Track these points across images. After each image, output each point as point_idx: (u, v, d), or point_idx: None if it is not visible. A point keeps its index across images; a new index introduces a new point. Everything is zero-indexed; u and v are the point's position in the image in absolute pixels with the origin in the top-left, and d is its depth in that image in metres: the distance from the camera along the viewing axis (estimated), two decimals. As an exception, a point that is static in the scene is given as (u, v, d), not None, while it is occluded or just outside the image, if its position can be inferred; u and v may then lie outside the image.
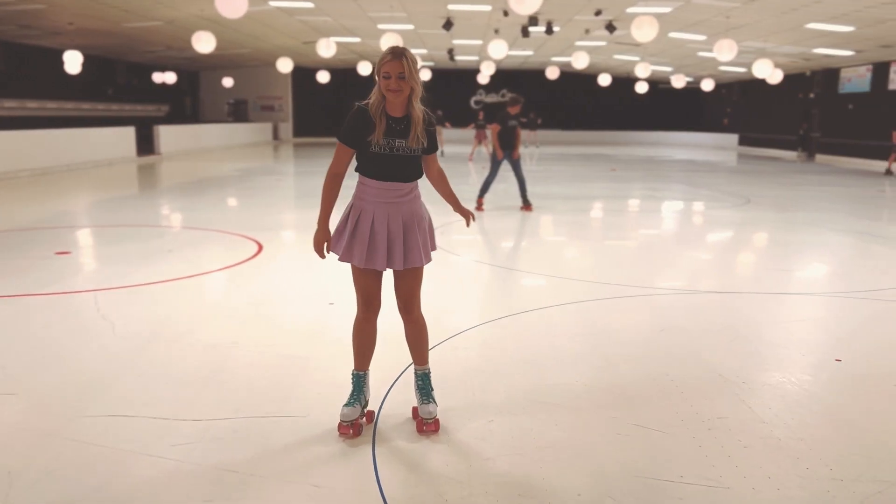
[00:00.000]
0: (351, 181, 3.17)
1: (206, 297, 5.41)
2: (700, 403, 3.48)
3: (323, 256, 3.12)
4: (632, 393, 3.63)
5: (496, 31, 20.93)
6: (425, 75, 28.06)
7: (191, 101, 33.46)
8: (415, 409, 3.25)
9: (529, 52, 27.21)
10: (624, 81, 32.05)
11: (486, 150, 23.54)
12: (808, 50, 21.16)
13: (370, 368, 3.23)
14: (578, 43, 23.74)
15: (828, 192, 14.30)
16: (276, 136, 32.76)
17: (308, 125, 34.26)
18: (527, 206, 10.48)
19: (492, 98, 36.88)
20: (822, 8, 14.87)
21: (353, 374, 3.18)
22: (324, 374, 3.81)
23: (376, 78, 2.94)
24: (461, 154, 24.26)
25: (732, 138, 32.99)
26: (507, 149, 10.28)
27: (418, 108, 2.97)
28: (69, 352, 4.14)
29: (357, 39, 23.76)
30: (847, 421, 3.33)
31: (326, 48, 19.20)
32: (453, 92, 34.74)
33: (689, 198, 12.87)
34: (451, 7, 17.45)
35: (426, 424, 3.10)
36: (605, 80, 28.26)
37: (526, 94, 38.46)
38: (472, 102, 36.22)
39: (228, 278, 5.94)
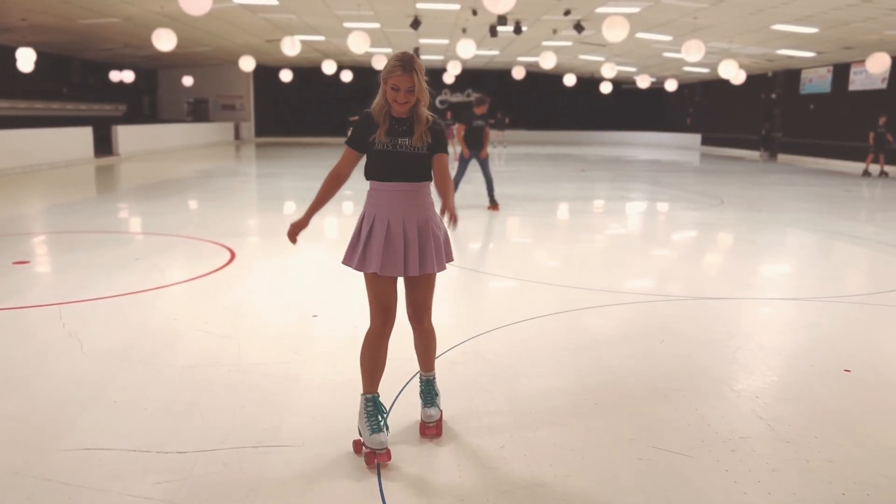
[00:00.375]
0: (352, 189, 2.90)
1: (181, 310, 5.09)
2: (717, 422, 3.31)
3: (294, 241, 3.11)
4: (645, 411, 3.44)
5: (464, 31, 20.74)
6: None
7: (149, 101, 32.63)
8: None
9: (495, 52, 27.11)
10: (588, 81, 32.15)
11: (453, 149, 23.82)
12: (772, 51, 21.40)
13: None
14: (545, 43, 23.69)
15: (797, 191, 14.41)
16: (237, 135, 32.12)
17: (270, 125, 33.68)
18: (493, 205, 10.47)
19: (457, 98, 36.70)
20: (789, 9, 14.98)
21: (367, 398, 2.99)
22: (315, 396, 3.55)
23: (381, 83, 2.91)
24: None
25: (695, 138, 33.31)
26: (474, 148, 10.35)
27: (424, 111, 2.98)
28: (33, 375, 3.80)
29: (321, 38, 23.38)
30: (872, 437, 3.18)
31: (291, 46, 18.81)
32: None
33: (662, 199, 12.82)
34: (419, 6, 17.21)
35: (428, 428, 3.10)
36: (570, 80, 28.30)
37: (492, 94, 38.27)
38: (436, 102, 35.98)
39: (202, 289, 5.62)
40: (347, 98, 33.32)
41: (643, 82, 27.76)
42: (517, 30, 18.89)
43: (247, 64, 22.70)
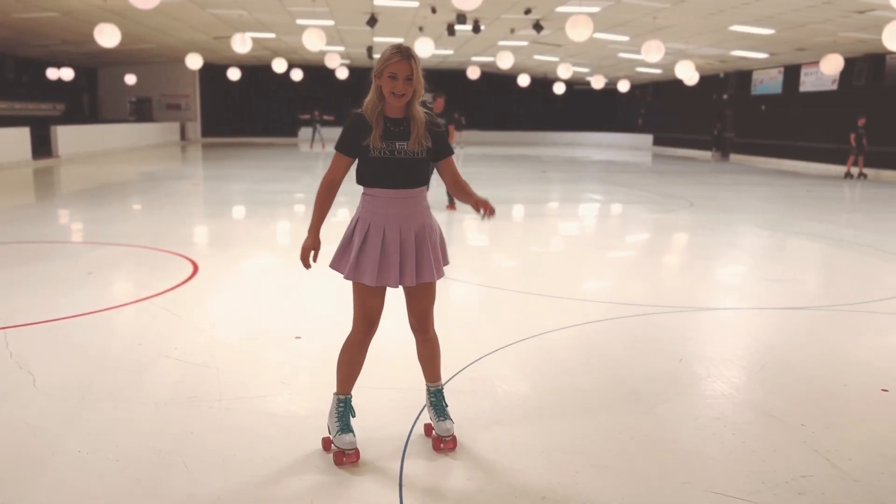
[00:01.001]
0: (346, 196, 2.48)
1: (145, 333, 4.55)
2: (772, 459, 2.97)
3: (308, 266, 2.93)
4: (690, 448, 3.08)
5: (420, 29, 20.32)
6: (342, 73, 27.18)
7: (89, 100, 31.28)
8: (428, 427, 3.11)
9: (450, 52, 26.75)
10: (542, 82, 32.07)
11: None
12: (727, 52, 21.55)
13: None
14: (501, 42, 23.43)
15: (761, 192, 14.41)
16: (183, 136, 31.03)
17: (218, 125, 32.66)
18: (451, 205, 10.35)
19: (409, 97, 36.24)
20: (750, 10, 14.99)
21: (340, 398, 2.96)
22: (316, 439, 3.09)
23: (373, 79, 2.79)
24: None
25: (647, 138, 33.57)
26: None
27: (419, 110, 2.82)
28: (-22, 418, 3.25)
29: (272, 35, 22.65)
30: (940, 472, 2.89)
31: (242, 43, 18.10)
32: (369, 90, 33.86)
33: (632, 201, 12.62)
34: (377, 2, 16.72)
35: (444, 442, 2.98)
36: (524, 80, 28.16)
37: (446, 94, 37.87)
38: (389, 102, 35.51)
39: (167, 308, 5.07)
40: (298, 97, 32.56)
41: (597, 83, 27.76)
42: (476, 29, 18.56)
43: (194, 62, 21.81)
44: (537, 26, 18.55)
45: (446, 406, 3.06)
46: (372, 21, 18.10)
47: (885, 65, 18.95)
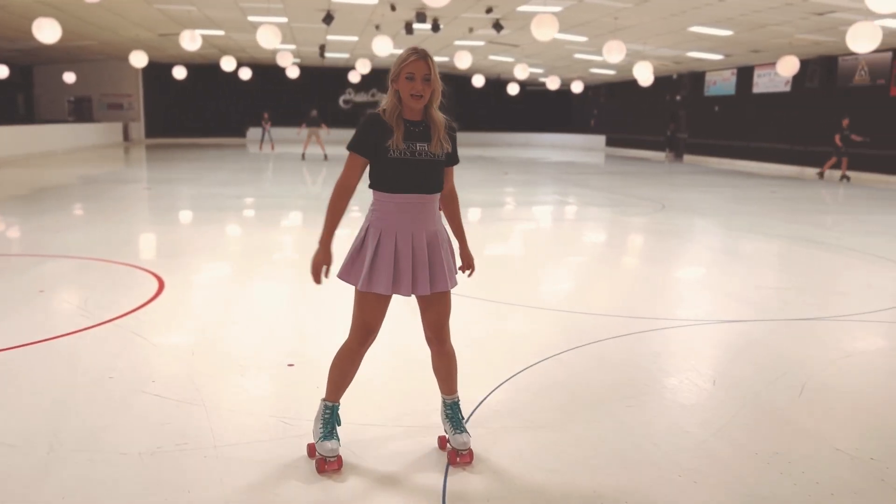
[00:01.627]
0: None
1: (115, 363, 4.00)
2: (842, 492, 2.65)
3: (319, 282, 2.79)
4: (753, 485, 2.74)
5: (377, 28, 19.83)
6: (293, 73, 26.45)
7: (24, 99, 29.79)
8: (442, 440, 3.02)
9: (400, 51, 26.26)
10: (496, 83, 31.88)
11: None
12: (682, 53, 21.65)
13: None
14: (458, 42, 23.09)
15: (727, 193, 14.37)
16: (126, 137, 29.81)
17: (162, 125, 31.48)
18: None
19: (361, 97, 35.65)
20: (711, 11, 14.97)
21: (328, 405, 2.90)
22: (337, 493, 2.64)
23: (390, 84, 2.74)
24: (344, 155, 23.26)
25: (600, 139, 33.70)
26: None
27: (438, 112, 2.78)
28: (-76, 480, 2.70)
29: (221, 32, 21.83)
30: None
31: (192, 41, 17.30)
32: (321, 90, 33.23)
33: (604, 204, 12.40)
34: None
35: (461, 455, 2.90)
36: (478, 81, 27.90)
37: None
38: (340, 102, 34.84)
39: (135, 332, 4.53)
40: (246, 97, 31.64)
41: (552, 84, 27.66)
42: (435, 27, 18.17)
43: (138, 59, 20.85)
44: (497, 26, 18.26)
45: (463, 419, 2.99)
46: (328, 18, 17.55)
47: (838, 67, 19.26)
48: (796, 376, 3.97)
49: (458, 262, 2.99)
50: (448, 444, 2.95)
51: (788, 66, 17.73)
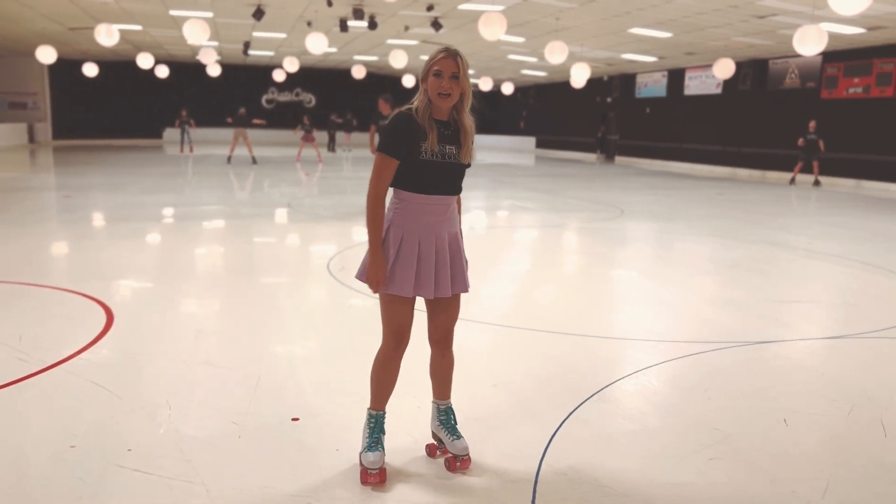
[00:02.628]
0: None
1: (76, 426, 3.20)
2: None
3: (377, 290, 2.72)
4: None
5: (309, 24, 18.96)
6: (215, 70, 25.16)
7: (-88, 97, 27.33)
8: (432, 447, 2.99)
9: (332, 49, 25.36)
10: (425, 83, 31.34)
11: (315, 151, 23.29)
12: (617, 55, 21.65)
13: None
14: (390, 41, 22.44)
15: (676, 196, 14.25)
16: (31, 138, 27.73)
17: (72, 125, 29.46)
18: None
19: (285, 97, 34.47)
20: (654, 12, 14.86)
21: (372, 414, 2.85)
22: None
23: (420, 84, 2.71)
24: (288, 157, 22.28)
25: (530, 141, 33.65)
26: None
27: (470, 118, 2.73)
28: None
29: (138, 27, 20.45)
30: None
31: (108, 35, 16.00)
32: (244, 89, 31.91)
33: (564, 209, 11.99)
34: (267, -7, 15.28)
35: (461, 461, 2.86)
36: (409, 81, 27.32)
37: (330, 94, 36.49)
38: (263, 101, 33.56)
39: (93, 380, 3.72)
40: (164, 96, 30.03)
41: (485, 85, 27.32)
42: (372, 25, 17.47)
43: (46, 55, 19.30)
44: (436, 24, 17.72)
45: (456, 423, 2.95)
46: (258, 13, 16.59)
47: (769, 70, 19.62)
48: (866, 408, 3.57)
49: None
50: (445, 451, 2.91)
51: (724, 69, 17.88)
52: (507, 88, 29.52)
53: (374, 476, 2.71)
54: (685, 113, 23.14)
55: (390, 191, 2.76)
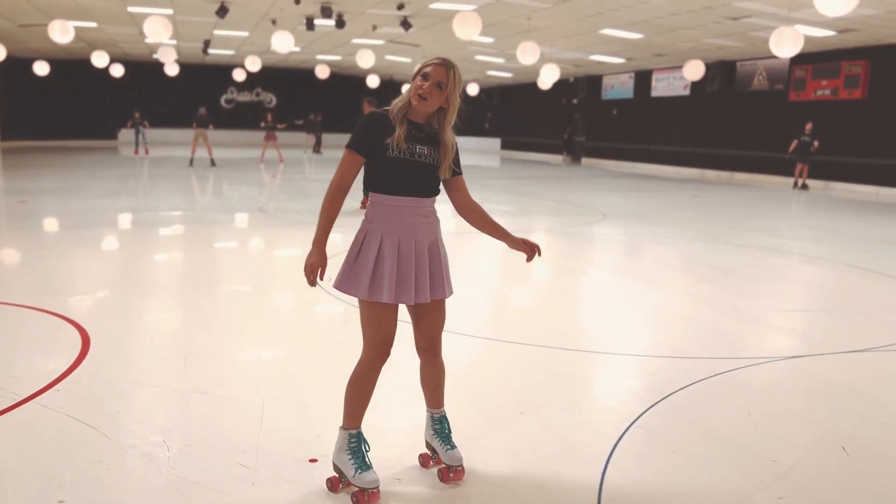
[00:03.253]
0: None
1: (61, 478, 2.78)
2: None
3: (314, 284, 2.60)
4: None
5: (274, 22, 18.42)
6: (172, 70, 24.38)
7: None
8: (425, 457, 2.91)
9: (296, 48, 24.80)
10: (389, 84, 30.96)
11: (277, 151, 22.79)
12: (585, 56, 21.56)
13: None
14: (355, 41, 22.00)
15: (654, 198, 14.12)
16: (-22, 140, 26.52)
17: (22, 126, 28.25)
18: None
19: (245, 97, 33.70)
20: (628, 13, 14.75)
21: (351, 434, 2.70)
22: None
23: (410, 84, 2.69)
24: (248, 158, 21.68)
25: (495, 142, 33.47)
26: None
27: (451, 135, 2.72)
28: None
29: (93, 24, 19.66)
30: None
31: (63, 32, 15.30)
32: (202, 89, 31.10)
33: (544, 212, 11.75)
34: (231, -11, 14.75)
35: (455, 472, 2.79)
36: (374, 81, 26.90)
37: (292, 94, 35.78)
38: (222, 101, 32.76)
39: (74, 415, 3.30)
40: (118, 96, 29.07)
41: (451, 85, 27.00)
42: (339, 23, 17.03)
43: (-5, 53, 18.44)
44: (405, 24, 17.37)
45: (450, 432, 2.86)
46: (222, 11, 16.02)
47: (737, 71, 19.72)
48: (918, 432, 3.36)
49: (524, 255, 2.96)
50: (439, 461, 2.85)
51: (694, 71, 17.90)
52: (473, 89, 29.28)
53: (374, 495, 2.60)
54: (652, 114, 23.17)
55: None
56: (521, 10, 15.46)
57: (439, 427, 2.85)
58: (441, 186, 2.77)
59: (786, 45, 12.00)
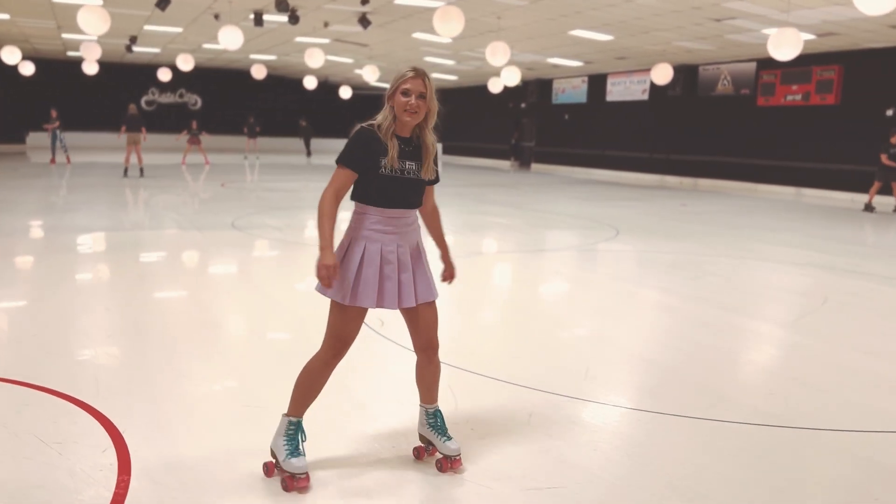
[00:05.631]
0: None
1: None
2: None
3: (330, 285, 2.67)
4: None
5: (217, 17, 16.81)
6: (92, 68, 22.19)
7: None
8: (420, 449, 3.01)
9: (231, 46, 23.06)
10: (325, 86, 29.48)
11: (202, 154, 21.72)
12: (543, 59, 20.80)
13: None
14: (299, 39, 20.56)
15: (639, 207, 13.36)
16: None
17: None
18: None
19: (167, 98, 31.51)
20: (606, 12, 14.02)
21: (293, 421, 2.80)
22: None
23: (386, 101, 2.79)
24: (174, 163, 19.78)
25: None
26: None
27: (432, 136, 2.86)
28: None
29: (4, 16, 17.52)
30: None
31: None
32: (122, 89, 28.80)
33: (547, 225, 10.79)
34: (176, -21, 13.17)
35: (452, 461, 2.90)
36: (311, 83, 25.43)
37: (220, 96, 33.62)
38: (143, 102, 30.44)
39: None
40: (27, 96, 26.49)
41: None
42: (293, 18, 15.61)
43: None
44: (364, 20, 16.11)
45: (445, 425, 2.97)
46: (163, 2, 14.36)
47: (699, 76, 19.39)
48: None
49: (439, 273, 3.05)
50: (433, 452, 2.97)
51: (663, 74, 17.42)
52: (414, 92, 28.18)
53: (303, 480, 2.69)
54: (607, 119, 22.66)
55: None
56: (492, 8, 14.50)
57: (434, 421, 2.96)
58: None
59: (785, 46, 11.49)
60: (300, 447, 2.75)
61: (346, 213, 2.74)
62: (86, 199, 11.87)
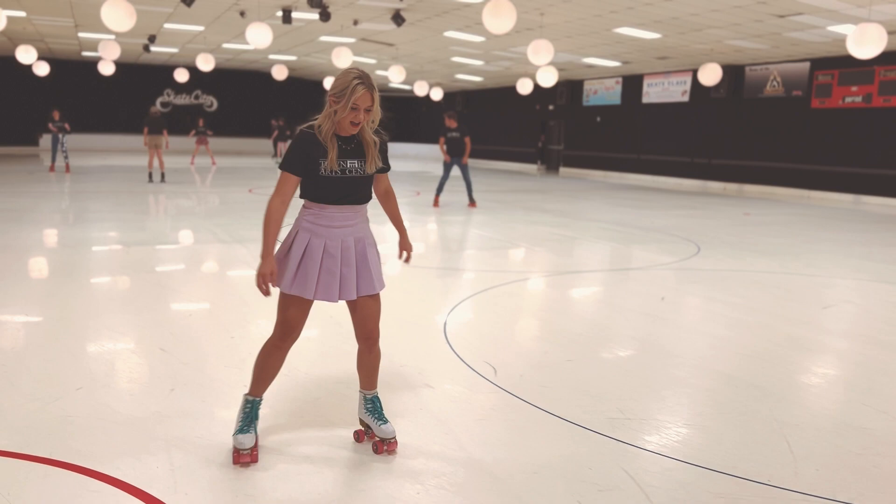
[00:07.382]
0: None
1: None
2: None
3: (268, 293, 2.80)
4: None
5: (242, 14, 16.01)
6: (107, 69, 21.43)
7: None
8: (360, 433, 3.12)
9: (249, 47, 22.26)
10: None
11: (209, 154, 22.28)
12: (578, 59, 19.91)
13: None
14: (323, 38, 19.73)
15: (700, 216, 12.44)
16: None
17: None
18: (472, 202, 12.81)
19: (183, 100, 30.78)
20: (658, 8, 13.12)
21: (249, 400, 2.96)
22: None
23: (328, 100, 2.76)
24: (200, 166, 18.94)
25: (457, 150, 31.56)
26: (454, 155, 12.80)
27: (370, 133, 2.86)
28: None
29: (20, 14, 16.75)
30: None
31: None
32: (137, 91, 28.09)
33: (626, 239, 9.89)
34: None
35: (388, 444, 3.01)
36: (329, 84, 24.58)
37: (238, 97, 32.81)
38: (158, 104, 29.68)
39: None
40: (43, 97, 25.77)
41: (420, 90, 24.99)
42: (324, 15, 14.76)
43: None
44: (397, 17, 15.26)
45: (382, 410, 3.07)
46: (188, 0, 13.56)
47: (745, 77, 18.46)
48: None
49: (395, 253, 3.23)
50: (373, 436, 3.04)
51: (711, 75, 16.53)
52: (437, 94, 27.34)
53: (246, 456, 2.81)
54: (644, 122, 21.73)
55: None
56: (535, 4, 13.62)
57: (372, 406, 3.06)
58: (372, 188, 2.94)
59: (869, 44, 10.59)
60: (253, 425, 2.90)
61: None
62: (112, 208, 11.04)
